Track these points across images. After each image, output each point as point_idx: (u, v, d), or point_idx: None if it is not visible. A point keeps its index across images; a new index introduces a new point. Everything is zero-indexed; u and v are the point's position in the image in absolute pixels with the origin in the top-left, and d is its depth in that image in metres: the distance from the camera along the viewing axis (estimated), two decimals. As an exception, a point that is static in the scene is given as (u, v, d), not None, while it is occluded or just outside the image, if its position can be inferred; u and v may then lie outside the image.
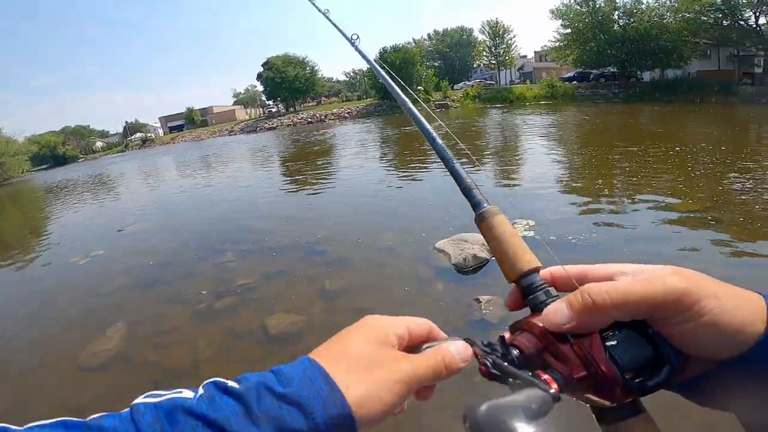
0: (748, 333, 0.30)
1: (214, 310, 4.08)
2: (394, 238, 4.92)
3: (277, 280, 4.38)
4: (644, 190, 6.10)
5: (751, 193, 5.71)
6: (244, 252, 5.26)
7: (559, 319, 0.32)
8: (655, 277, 0.31)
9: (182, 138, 45.51)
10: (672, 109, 22.58)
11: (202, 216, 7.78)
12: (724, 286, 0.32)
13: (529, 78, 45.30)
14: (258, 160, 16.41)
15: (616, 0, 31.42)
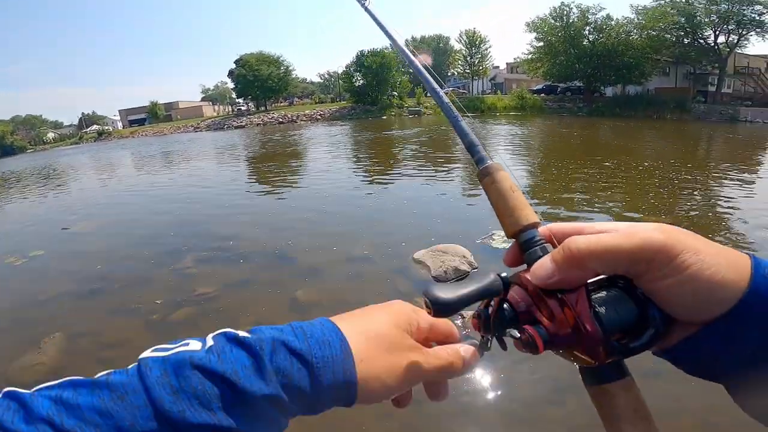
0: (730, 290, 0.29)
1: (170, 322, 3.67)
2: (371, 246, 4.65)
3: (243, 290, 4.01)
4: (614, 201, 6.46)
5: (699, 205, 6.30)
6: (205, 258, 4.82)
7: (544, 273, 0.32)
8: (637, 230, 0.31)
9: (142, 132, 43.22)
10: (632, 124, 23.83)
11: (159, 216, 7.16)
12: (709, 243, 0.31)
13: (500, 88, 46.52)
14: (224, 159, 15.62)
15: (588, 16, 32.86)
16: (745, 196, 6.81)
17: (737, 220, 5.54)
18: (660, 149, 14.25)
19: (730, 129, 23.37)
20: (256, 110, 47.50)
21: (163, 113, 54.55)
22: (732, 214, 5.82)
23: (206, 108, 59.42)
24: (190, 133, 38.19)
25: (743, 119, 29.03)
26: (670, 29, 31.31)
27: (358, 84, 38.58)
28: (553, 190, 7.44)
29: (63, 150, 38.95)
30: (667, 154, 12.82)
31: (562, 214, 5.99)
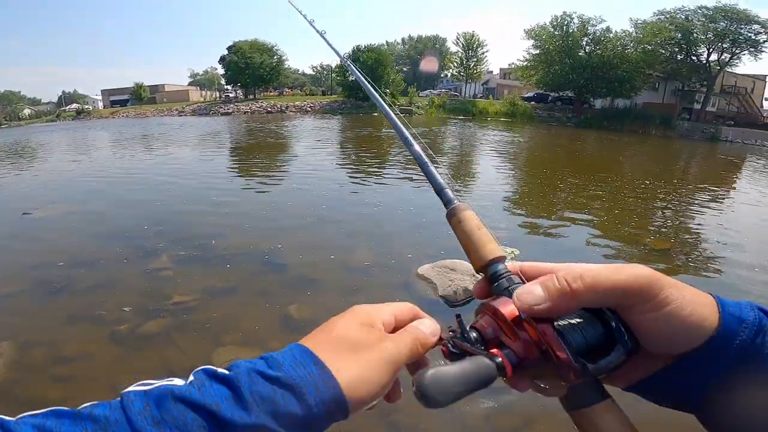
0: (704, 327, 0.32)
1: (140, 335, 3.18)
2: (370, 255, 4.24)
3: (227, 300, 3.55)
4: (593, 213, 6.65)
5: (673, 221, 6.59)
6: (183, 258, 4.31)
7: (533, 300, 0.33)
8: (623, 266, 0.33)
9: (123, 113, 41.55)
10: (618, 138, 24.15)
11: (133, 205, 6.52)
12: (687, 286, 0.33)
13: (492, 93, 46.62)
14: (208, 147, 14.79)
15: (588, 27, 33.06)
16: (717, 215, 7.20)
17: (707, 238, 5.81)
18: (642, 165, 14.72)
19: (710, 148, 24.00)
20: (244, 98, 46.35)
21: (148, 95, 52.76)
22: (703, 232, 6.12)
23: (193, 92, 57.80)
24: (174, 117, 36.87)
25: (724, 139, 29.82)
26: (666, 44, 31.77)
27: (351, 79, 37.99)
28: (536, 201, 7.56)
29: (38, 126, 37.13)
30: (649, 170, 13.38)
31: (545, 224, 5.96)
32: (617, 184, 9.57)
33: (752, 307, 0.33)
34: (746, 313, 0.32)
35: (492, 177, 9.67)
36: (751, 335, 0.32)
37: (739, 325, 0.32)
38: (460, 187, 8.35)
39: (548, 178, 9.66)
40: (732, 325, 0.32)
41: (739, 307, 0.33)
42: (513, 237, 5.18)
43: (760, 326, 0.32)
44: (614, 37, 32.81)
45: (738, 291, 4.12)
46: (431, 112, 35.61)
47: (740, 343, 0.31)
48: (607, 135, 25.90)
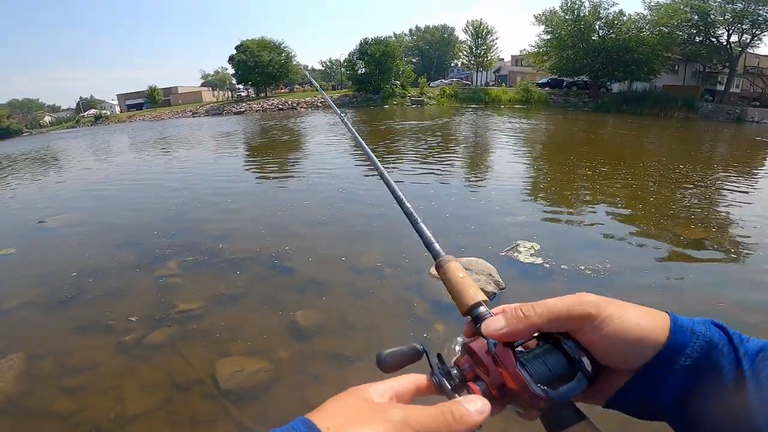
0: (653, 338, 0.35)
1: (147, 345, 3.14)
2: (381, 256, 4.08)
3: (233, 307, 3.47)
4: (614, 200, 6.42)
5: (697, 206, 6.26)
6: (191, 264, 4.25)
7: (495, 326, 0.38)
8: (573, 295, 0.38)
9: (140, 117, 42.27)
10: (638, 121, 23.27)
11: (146, 210, 6.54)
12: (632, 305, 0.38)
13: (504, 81, 45.59)
14: (220, 147, 14.85)
15: (600, 11, 31.88)
16: (745, 199, 6.85)
17: (734, 223, 5.60)
18: (666, 148, 14.16)
19: (736, 129, 22.97)
20: (256, 96, 46.56)
21: (162, 98, 53.53)
22: (729, 217, 5.86)
23: (206, 93, 58.37)
24: (188, 118, 37.33)
25: (750, 120, 28.47)
26: (683, 26, 30.40)
27: (360, 72, 37.71)
28: (557, 189, 7.38)
29: (59, 133, 38.14)
30: (673, 153, 12.95)
31: (566, 214, 5.79)
32: (642, 169, 9.18)
33: (706, 323, 0.36)
34: (698, 327, 0.36)
35: (511, 165, 9.35)
36: (703, 345, 0.34)
37: (690, 336, 0.35)
38: (479, 178, 8.13)
39: (569, 164, 9.32)
40: (681, 337, 0.35)
41: (691, 321, 0.36)
42: (534, 228, 4.97)
43: (712, 341, 0.35)
44: (628, 20, 31.56)
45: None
46: (443, 101, 35.05)
47: (693, 354, 0.34)
48: (628, 119, 24.97)
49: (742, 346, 0.35)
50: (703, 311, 3.26)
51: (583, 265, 3.82)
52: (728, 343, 0.35)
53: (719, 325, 0.37)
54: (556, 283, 3.51)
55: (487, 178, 8.17)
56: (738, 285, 3.71)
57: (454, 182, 7.64)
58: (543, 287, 3.46)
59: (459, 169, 8.94)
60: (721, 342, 0.35)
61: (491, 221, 5.15)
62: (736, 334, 0.36)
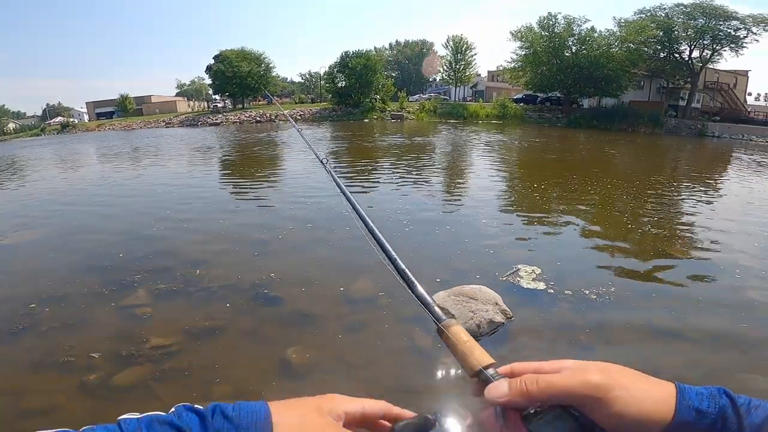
0: (657, 420, 0.36)
1: (113, 386, 2.74)
2: (375, 283, 3.78)
3: (214, 343, 3.10)
4: (585, 214, 6.60)
5: (663, 218, 6.60)
6: (163, 292, 3.83)
7: (496, 394, 0.40)
8: (579, 371, 0.39)
9: (110, 126, 40.73)
10: (608, 137, 24.19)
11: (110, 229, 5.98)
12: (639, 378, 0.38)
13: (481, 96, 46.60)
14: (195, 161, 14.17)
15: (573, 27, 33.13)
16: (707, 210, 7.34)
17: (701, 232, 5.96)
18: (633, 162, 14.72)
19: (698, 143, 24.17)
20: (233, 108, 45.76)
21: (134, 107, 51.88)
22: (692, 228, 6.22)
23: (180, 103, 56.99)
24: (161, 128, 36.20)
25: (711, 134, 30.07)
26: (649, 43, 31.97)
27: (340, 85, 37.68)
28: (531, 201, 7.58)
29: (22, 141, 36.14)
30: (640, 167, 13.63)
31: (556, 231, 5.78)
32: (610, 181, 9.53)
33: (713, 396, 0.37)
34: (706, 404, 0.36)
35: (496, 184, 9.34)
36: (708, 423, 0.35)
37: (696, 415, 0.35)
38: (467, 197, 8.02)
39: (553, 181, 9.36)
40: (688, 416, 0.35)
41: (700, 397, 0.37)
42: (530, 249, 4.85)
43: (720, 414, 0.35)
44: (599, 36, 32.96)
45: (733, 283, 4.10)
46: (422, 116, 35.38)
47: (698, 431, 0.35)
48: (598, 134, 25.91)
49: (748, 416, 0.35)
50: (704, 328, 3.16)
51: (587, 290, 3.67)
52: (734, 414, 0.35)
53: (728, 395, 0.37)
54: (562, 310, 3.34)
55: (470, 196, 8.03)
56: (731, 299, 3.68)
57: (438, 201, 7.46)
58: (551, 316, 3.27)
59: (446, 188, 8.80)
60: (726, 415, 0.35)
61: (486, 243, 4.97)
62: (744, 405, 0.36)
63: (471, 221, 6.07)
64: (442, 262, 4.24)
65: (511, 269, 3.97)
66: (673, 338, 3.07)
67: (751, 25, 29.06)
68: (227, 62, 41.56)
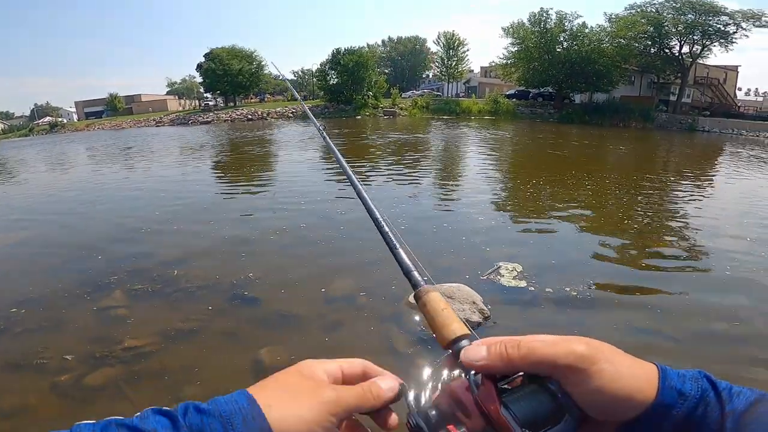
0: (639, 399, 0.34)
1: (85, 387, 2.72)
2: (354, 283, 3.74)
3: (189, 344, 3.05)
4: (578, 210, 6.59)
5: (655, 212, 6.67)
6: (140, 292, 3.77)
7: (474, 357, 0.37)
8: (563, 341, 0.36)
9: (99, 126, 40.25)
10: (600, 132, 24.32)
11: (89, 230, 5.87)
12: (622, 355, 0.36)
13: (474, 92, 46.62)
14: (182, 160, 13.93)
15: (565, 23, 33.16)
16: (697, 205, 7.45)
17: (689, 228, 6.04)
18: (625, 157, 14.73)
19: (688, 138, 24.37)
20: (224, 106, 45.39)
21: (123, 106, 51.32)
22: (679, 224, 6.27)
23: (171, 102, 56.47)
24: (151, 127, 35.82)
25: (701, 129, 30.30)
26: (639, 38, 32.12)
27: (333, 82, 37.47)
28: (518, 198, 7.61)
29: (11, 142, 35.62)
30: (632, 162, 13.68)
31: (539, 227, 5.77)
32: (602, 177, 9.58)
33: (695, 378, 0.35)
34: (688, 387, 0.35)
35: (482, 180, 9.31)
36: (690, 407, 0.34)
37: (678, 397, 0.34)
38: (452, 193, 8.00)
39: (540, 178, 9.36)
40: (669, 398, 0.34)
41: (682, 379, 0.35)
42: (511, 246, 4.81)
43: (702, 397, 0.34)
44: (590, 32, 33.04)
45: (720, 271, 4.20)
46: (415, 113, 35.31)
47: (679, 415, 0.34)
48: (590, 129, 26.04)
49: (730, 403, 0.34)
50: (686, 326, 3.16)
51: (568, 287, 3.65)
52: (715, 399, 0.34)
53: (709, 379, 0.36)
54: (543, 309, 3.32)
55: (460, 193, 8.00)
56: (712, 290, 3.71)
57: (427, 198, 7.42)
58: (531, 314, 3.25)
59: (433, 185, 8.74)
60: (708, 400, 0.34)
61: (468, 240, 4.94)
62: (726, 390, 0.35)
63: (456, 218, 6.05)
64: (424, 260, 4.10)
65: (492, 267, 3.94)
66: (654, 337, 3.07)
67: (741, 20, 29.27)
68: (218, 60, 41.20)
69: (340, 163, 0.80)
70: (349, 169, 0.76)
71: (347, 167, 0.77)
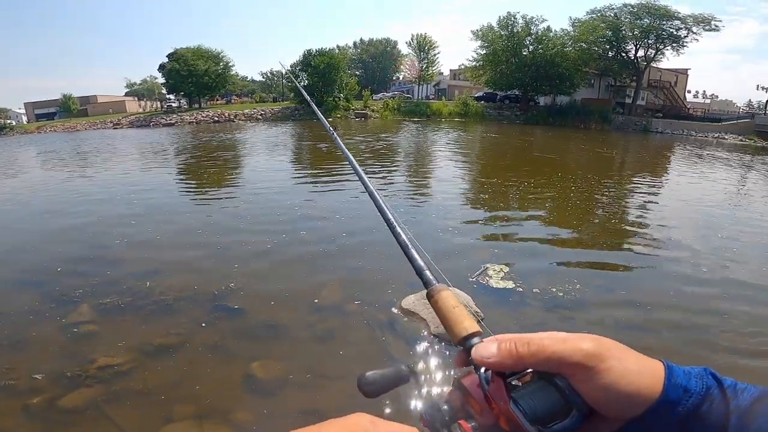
0: (645, 396, 0.34)
1: (63, 409, 2.53)
2: (342, 289, 3.65)
3: (171, 360, 2.87)
4: (543, 208, 6.90)
5: (614, 209, 6.99)
6: (109, 307, 3.51)
7: (485, 353, 0.38)
8: (572, 338, 0.36)
9: (51, 128, 37.70)
10: (562, 133, 25.43)
11: (49, 240, 5.43)
12: (629, 352, 0.37)
13: (443, 94, 47.28)
14: (145, 164, 13.22)
15: (531, 27, 34.27)
16: (656, 205, 7.80)
17: (645, 221, 6.41)
18: (585, 158, 15.65)
19: (644, 139, 25.85)
20: (188, 107, 43.76)
21: (78, 107, 48.47)
22: (646, 220, 6.61)
23: (130, 103, 53.82)
24: (108, 129, 33.99)
25: (655, 130, 32.22)
26: (599, 42, 33.79)
27: (303, 84, 36.94)
28: (494, 199, 7.78)
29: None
30: (591, 162, 14.38)
31: (521, 227, 5.89)
32: (565, 176, 9.96)
33: (701, 375, 0.36)
34: (693, 383, 0.35)
35: (461, 182, 9.45)
36: (696, 403, 0.34)
37: (683, 394, 0.35)
38: (432, 195, 8.02)
39: (515, 178, 9.58)
40: (675, 395, 0.34)
41: (687, 376, 0.36)
42: (497, 247, 4.89)
43: (707, 394, 0.35)
44: (554, 36, 34.35)
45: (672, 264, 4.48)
46: (386, 115, 35.40)
47: (684, 411, 0.34)
48: (554, 131, 27.09)
49: (735, 399, 0.34)
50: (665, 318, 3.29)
51: (554, 287, 3.73)
52: (720, 395, 0.35)
53: (714, 376, 0.36)
54: (532, 308, 3.37)
55: (440, 196, 8.01)
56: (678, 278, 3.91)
57: (407, 203, 7.37)
58: (521, 314, 3.29)
59: (410, 189, 8.73)
60: (712, 396, 0.35)
61: (454, 242, 4.95)
62: (730, 387, 0.35)
63: (436, 221, 6.03)
64: (406, 264, 4.07)
65: (479, 268, 3.96)
66: (637, 330, 3.17)
67: (692, 24, 31.39)
68: (182, 60, 39.66)
69: (352, 164, 0.80)
70: (360, 170, 0.76)
71: (358, 167, 0.78)
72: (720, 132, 30.90)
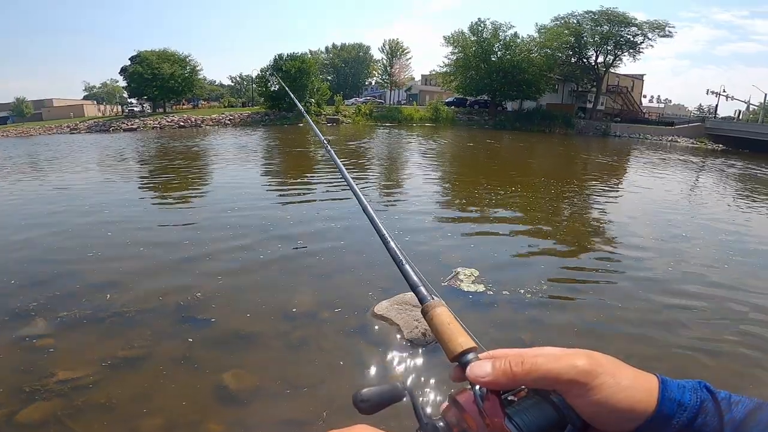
0: (639, 411, 0.35)
1: (20, 424, 2.41)
2: (314, 297, 3.61)
3: (136, 373, 2.76)
4: (512, 209, 7.22)
5: (577, 210, 6.93)
6: (67, 320, 3.34)
7: (480, 372, 0.38)
8: (565, 355, 0.37)
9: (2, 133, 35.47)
10: (529, 137, 26.40)
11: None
12: (623, 367, 0.37)
13: (415, 99, 47.86)
14: (102, 169, 12.58)
15: (500, 33, 35.35)
16: (616, 207, 8.22)
17: (607, 223, 6.85)
18: (550, 161, 16.18)
19: (603, 142, 27.18)
20: (152, 112, 42.21)
21: (32, 111, 45.78)
22: (603, 218, 7.06)
23: (89, 107, 51.28)
24: (65, 134, 32.28)
25: (613, 134, 33.93)
26: (562, 48, 35.31)
27: (274, 89, 36.41)
28: (463, 202, 7.99)
29: None
30: (556, 165, 15.05)
31: (488, 230, 6.04)
32: (531, 179, 10.44)
33: (695, 389, 0.36)
34: (687, 397, 0.36)
35: (430, 186, 9.57)
36: (690, 417, 0.35)
37: (677, 408, 0.35)
38: (401, 200, 8.08)
39: (483, 181, 9.83)
40: (669, 409, 0.35)
41: (682, 390, 0.36)
42: (466, 251, 5.00)
43: (701, 408, 0.35)
44: (521, 42, 35.59)
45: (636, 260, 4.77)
46: (358, 120, 35.46)
47: (678, 425, 0.34)
48: (521, 135, 28.06)
49: (729, 412, 0.35)
50: (630, 317, 3.47)
51: (522, 289, 3.85)
52: (714, 409, 0.35)
53: (708, 389, 0.37)
54: (503, 311, 3.46)
55: (410, 201, 8.02)
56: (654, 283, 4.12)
57: (377, 208, 7.37)
58: (492, 317, 3.38)
59: (381, 194, 8.74)
60: (707, 409, 0.35)
61: (425, 248, 5.01)
62: (724, 400, 0.36)
63: (407, 226, 6.05)
64: (381, 270, 4.10)
65: (450, 273, 4.03)
66: (604, 330, 3.31)
67: (648, 31, 33.29)
68: (146, 63, 38.24)
69: (345, 177, 0.80)
70: (354, 184, 0.77)
71: (352, 182, 0.78)
72: (673, 135, 32.86)
